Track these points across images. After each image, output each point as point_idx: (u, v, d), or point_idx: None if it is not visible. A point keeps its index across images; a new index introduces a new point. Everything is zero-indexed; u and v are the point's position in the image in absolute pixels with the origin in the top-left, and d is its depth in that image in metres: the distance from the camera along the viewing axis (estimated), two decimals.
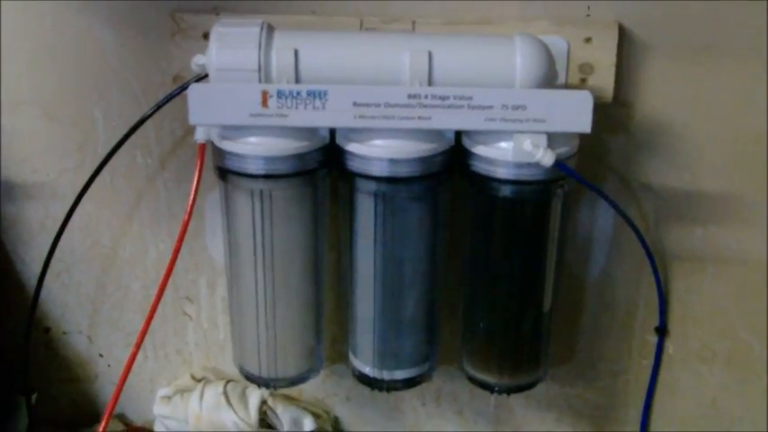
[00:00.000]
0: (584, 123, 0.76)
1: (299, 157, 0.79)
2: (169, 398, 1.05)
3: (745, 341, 1.01)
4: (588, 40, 0.87)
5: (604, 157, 0.94)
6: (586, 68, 0.88)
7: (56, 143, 0.96)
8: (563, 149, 0.78)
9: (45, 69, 0.93)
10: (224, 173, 0.81)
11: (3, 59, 0.93)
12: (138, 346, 0.87)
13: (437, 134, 0.79)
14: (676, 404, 1.05)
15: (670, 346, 1.02)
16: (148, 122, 0.88)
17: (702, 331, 1.01)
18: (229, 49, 0.75)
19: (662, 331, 1.00)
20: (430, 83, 0.76)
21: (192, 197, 0.84)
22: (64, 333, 1.06)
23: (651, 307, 1.00)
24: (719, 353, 1.02)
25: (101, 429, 0.88)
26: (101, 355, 1.08)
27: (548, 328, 0.90)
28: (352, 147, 0.79)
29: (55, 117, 0.95)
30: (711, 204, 0.95)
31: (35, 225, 1.00)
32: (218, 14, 0.88)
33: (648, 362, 1.03)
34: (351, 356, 0.93)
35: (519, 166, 0.78)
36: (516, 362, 0.90)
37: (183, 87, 0.79)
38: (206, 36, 0.78)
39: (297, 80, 0.76)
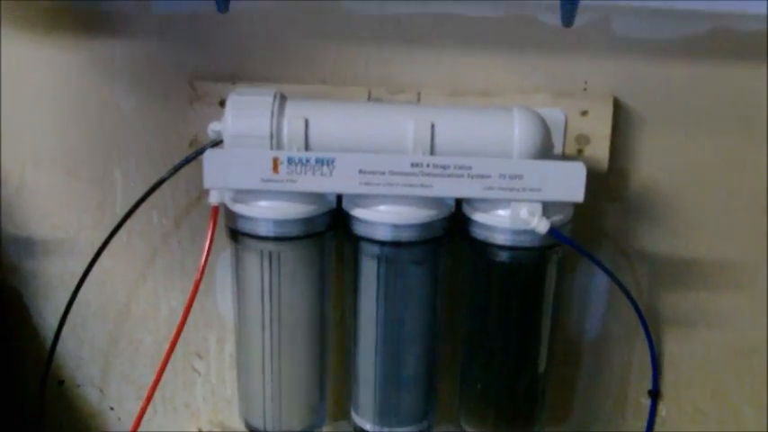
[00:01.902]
0: (577, 193, 0.79)
1: (307, 220, 0.82)
2: None
3: (736, 405, 1.03)
4: (585, 112, 0.90)
5: (600, 223, 0.96)
6: (582, 139, 0.91)
7: (77, 201, 0.99)
8: (558, 217, 0.81)
9: (69, 130, 0.96)
10: (235, 234, 0.84)
11: (29, 119, 0.96)
12: (149, 399, 0.89)
13: (438, 201, 0.82)
14: None
15: (663, 409, 1.04)
16: (165, 184, 0.91)
17: (695, 395, 1.03)
18: (244, 117, 0.78)
19: (655, 394, 1.02)
20: (432, 152, 0.79)
21: (204, 257, 0.86)
22: (78, 386, 1.08)
23: (645, 369, 1.01)
24: (711, 416, 1.04)
25: None
26: (112, 408, 1.09)
27: (543, 389, 0.92)
28: (357, 212, 0.82)
29: (77, 176, 0.98)
30: (704, 270, 0.98)
31: (54, 279, 1.02)
32: (234, 83, 0.91)
33: (642, 423, 1.04)
34: (352, 413, 0.94)
35: (516, 232, 0.81)
36: (512, 422, 0.92)
37: (200, 152, 0.82)
38: (222, 103, 0.81)
39: (307, 147, 0.79)
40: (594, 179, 0.81)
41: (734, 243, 0.97)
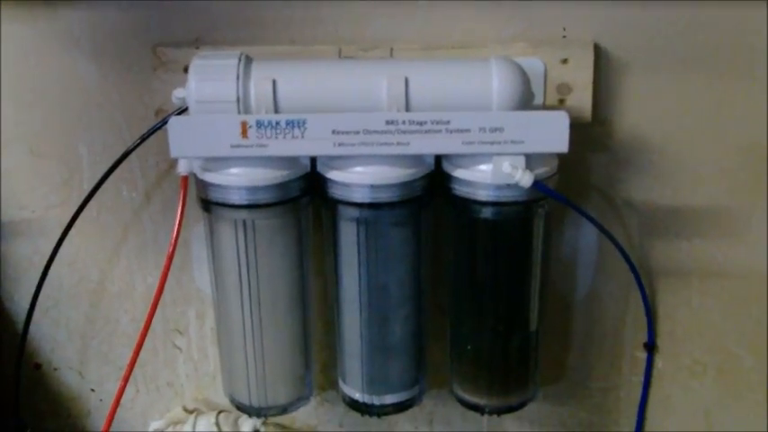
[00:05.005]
0: (561, 143, 0.76)
1: (281, 186, 0.80)
2: (162, 431, 1.05)
3: (735, 354, 1.02)
4: (565, 60, 0.88)
5: (586, 175, 0.94)
6: (564, 89, 0.88)
7: (42, 179, 0.96)
8: (542, 170, 0.79)
9: (30, 106, 0.94)
10: (207, 204, 0.82)
11: None
12: (127, 378, 0.87)
13: (417, 159, 0.80)
14: (669, 419, 1.05)
15: (660, 362, 1.02)
16: (133, 156, 0.89)
17: (692, 346, 1.02)
18: (208, 81, 0.76)
19: (650, 347, 1.00)
20: (407, 108, 0.76)
21: (176, 230, 0.84)
22: (55, 369, 1.06)
23: (639, 323, 1.00)
24: (710, 367, 1.03)
25: None
26: (92, 390, 1.08)
27: (536, 348, 0.90)
28: (332, 174, 0.80)
29: (40, 153, 0.95)
30: (695, 218, 0.96)
31: (23, 262, 1.00)
32: (198, 48, 0.88)
33: (639, 378, 1.03)
34: (340, 383, 0.93)
35: (499, 187, 0.79)
36: (505, 382, 0.90)
37: (165, 121, 0.80)
38: (187, 69, 0.78)
39: (276, 110, 0.76)
40: (578, 129, 0.79)
41: (724, 188, 0.95)
